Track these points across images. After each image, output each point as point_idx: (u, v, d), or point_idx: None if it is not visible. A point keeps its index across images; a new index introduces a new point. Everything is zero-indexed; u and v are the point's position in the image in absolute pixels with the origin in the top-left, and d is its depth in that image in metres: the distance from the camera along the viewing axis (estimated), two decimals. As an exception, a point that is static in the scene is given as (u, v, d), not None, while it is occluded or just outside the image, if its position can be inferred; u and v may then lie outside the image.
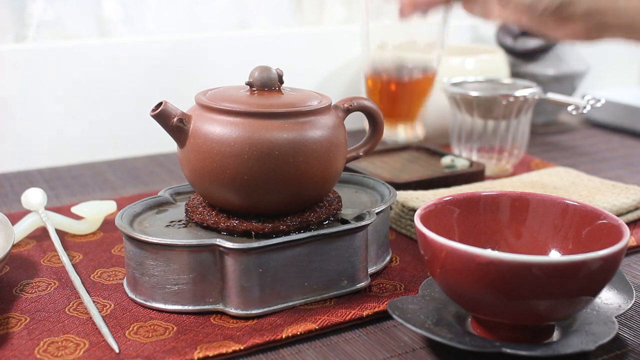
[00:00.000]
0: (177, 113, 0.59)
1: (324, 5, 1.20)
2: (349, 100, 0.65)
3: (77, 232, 0.73)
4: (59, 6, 1.01)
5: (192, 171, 0.60)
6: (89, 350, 0.53)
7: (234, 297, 0.57)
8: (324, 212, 0.62)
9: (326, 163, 0.59)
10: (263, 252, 0.56)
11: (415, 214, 0.55)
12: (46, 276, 0.65)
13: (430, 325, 0.52)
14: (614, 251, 0.49)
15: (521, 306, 0.49)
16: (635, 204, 0.76)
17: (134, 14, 1.06)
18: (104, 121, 1.03)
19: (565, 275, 0.47)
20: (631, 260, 0.69)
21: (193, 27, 1.10)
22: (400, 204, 0.74)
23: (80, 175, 0.96)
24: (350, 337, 0.56)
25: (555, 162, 1.00)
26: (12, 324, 0.57)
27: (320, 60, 1.17)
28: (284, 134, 0.57)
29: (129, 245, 0.59)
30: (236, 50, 1.09)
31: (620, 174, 0.96)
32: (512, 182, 0.83)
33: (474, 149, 0.94)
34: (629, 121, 1.17)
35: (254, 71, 0.62)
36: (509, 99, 0.89)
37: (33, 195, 0.73)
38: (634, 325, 0.57)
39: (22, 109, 0.98)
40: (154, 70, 1.04)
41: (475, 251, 0.48)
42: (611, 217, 0.55)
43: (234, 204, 0.59)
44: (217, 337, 0.54)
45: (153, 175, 0.96)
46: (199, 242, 0.57)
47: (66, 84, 1.00)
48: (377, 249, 0.65)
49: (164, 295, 0.58)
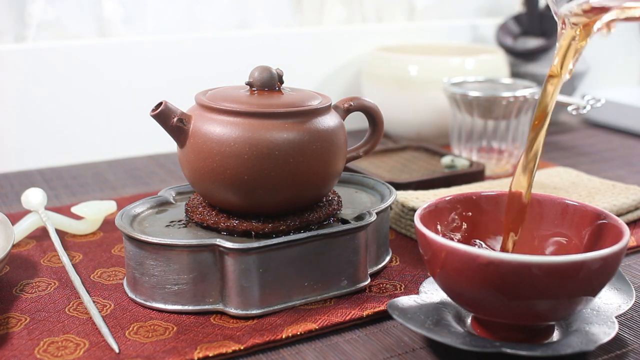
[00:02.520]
0: (177, 113, 0.59)
1: (324, 5, 1.20)
2: (349, 100, 0.65)
3: (77, 232, 0.73)
4: (59, 6, 1.01)
5: (192, 171, 0.60)
6: (89, 350, 0.53)
7: (234, 297, 0.57)
8: (324, 212, 0.62)
9: (326, 163, 0.59)
10: (263, 252, 0.56)
11: (415, 214, 0.55)
12: (46, 276, 0.65)
13: (430, 325, 0.52)
14: (614, 251, 0.49)
15: (521, 306, 0.49)
16: (635, 204, 0.76)
17: (134, 14, 1.06)
18: (104, 121, 1.03)
19: (565, 275, 0.47)
20: (631, 260, 0.69)
21: (193, 27, 1.10)
22: (400, 204, 0.74)
23: (80, 175, 0.96)
24: (350, 337, 0.56)
25: (555, 162, 1.00)
26: (12, 324, 0.57)
27: (320, 60, 1.17)
28: (284, 134, 0.57)
29: (129, 245, 0.59)
30: (236, 50, 1.10)
31: (620, 174, 0.96)
32: (512, 182, 0.83)
33: (474, 149, 0.94)
34: (629, 121, 1.17)
35: (254, 71, 0.62)
36: (509, 99, 0.89)
37: (33, 195, 0.73)
38: (634, 325, 0.57)
39: (22, 109, 0.98)
40: (154, 70, 1.05)
41: (475, 251, 0.48)
42: (611, 217, 0.55)
43: (234, 204, 0.59)
44: (217, 337, 0.54)
45: (153, 175, 0.96)
46: (199, 242, 0.57)
47: (66, 84, 1.00)
48: (377, 249, 0.65)
49: (164, 295, 0.58)
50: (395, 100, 1.07)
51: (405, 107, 1.06)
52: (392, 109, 1.06)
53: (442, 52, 1.17)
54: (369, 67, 1.12)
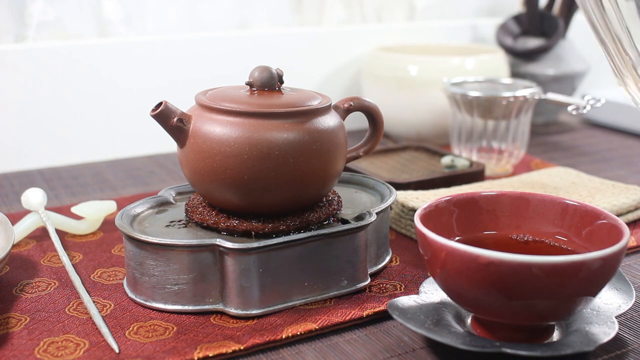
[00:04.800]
0: (177, 113, 0.59)
1: (324, 5, 1.20)
2: (349, 100, 0.65)
3: (77, 232, 0.73)
4: (59, 6, 1.01)
5: (192, 171, 0.60)
6: (89, 350, 0.53)
7: (234, 297, 0.57)
8: (324, 212, 0.62)
9: (326, 163, 0.59)
10: (263, 252, 0.56)
11: (415, 214, 0.55)
12: (46, 276, 0.65)
13: (430, 325, 0.52)
14: (614, 251, 0.49)
15: (521, 306, 0.49)
16: (635, 204, 0.76)
17: (134, 14, 1.06)
18: (104, 121, 1.03)
19: (565, 275, 0.47)
20: (631, 260, 0.69)
21: (193, 27, 1.10)
22: (400, 204, 0.74)
23: (80, 175, 0.96)
24: (350, 337, 0.56)
25: (555, 162, 1.00)
26: (12, 324, 0.57)
27: (320, 60, 1.17)
28: (284, 134, 0.57)
29: (129, 245, 0.59)
30: (236, 50, 1.10)
31: (620, 174, 0.96)
32: (512, 182, 0.83)
33: (474, 149, 0.94)
34: (629, 121, 1.17)
35: (254, 71, 0.62)
36: (509, 99, 0.89)
37: (33, 195, 0.73)
38: (634, 325, 0.57)
39: (22, 109, 0.98)
40: (154, 70, 1.05)
41: (475, 251, 0.48)
42: (611, 217, 0.55)
43: (234, 204, 0.59)
44: (217, 337, 0.54)
45: (153, 175, 0.96)
46: (199, 242, 0.57)
47: (66, 84, 1.00)
48: (377, 249, 0.65)
49: (164, 295, 0.58)
50: (395, 100, 1.07)
51: (405, 107, 1.06)
52: (392, 109, 1.06)
53: (442, 52, 1.17)
54: (369, 67, 1.12)
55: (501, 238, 0.59)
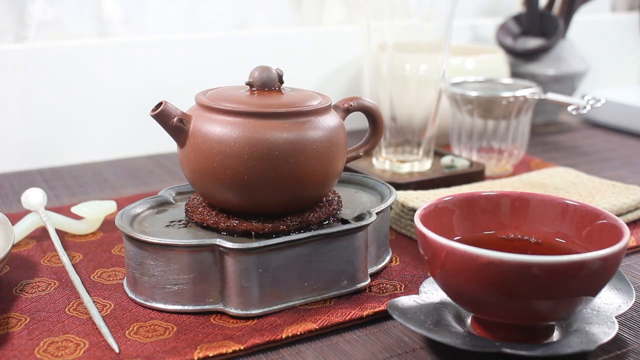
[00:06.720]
0: (177, 113, 0.59)
1: (324, 5, 1.20)
2: (349, 100, 0.65)
3: (77, 232, 0.73)
4: (59, 6, 1.01)
5: (192, 171, 0.60)
6: (89, 350, 0.53)
7: (233, 297, 0.57)
8: (324, 212, 0.62)
9: (326, 163, 0.59)
10: (263, 252, 0.56)
11: (415, 214, 0.55)
12: (46, 276, 0.65)
13: (430, 325, 0.52)
14: (614, 251, 0.49)
15: (521, 306, 0.49)
16: (635, 204, 0.76)
17: (134, 14, 1.06)
18: (104, 121, 1.03)
19: (565, 275, 0.47)
20: (631, 260, 0.69)
21: (193, 27, 1.10)
22: (400, 204, 0.74)
23: (80, 175, 0.96)
24: (350, 337, 0.56)
25: (555, 162, 1.00)
26: (12, 324, 0.57)
27: (320, 60, 1.17)
28: (284, 134, 0.57)
29: (129, 245, 0.59)
30: (236, 50, 1.10)
31: (620, 174, 0.96)
32: (512, 182, 0.83)
33: (474, 149, 0.94)
34: (629, 121, 1.17)
35: (254, 71, 0.62)
36: (509, 99, 0.89)
37: (33, 195, 0.73)
38: (634, 325, 0.57)
39: (22, 109, 0.98)
40: (154, 70, 1.04)
41: (475, 251, 0.48)
42: (611, 217, 0.55)
43: (234, 204, 0.59)
44: (217, 337, 0.54)
45: (153, 175, 0.96)
46: (199, 242, 0.57)
47: (66, 83, 1.00)
48: (377, 249, 0.65)
49: (164, 295, 0.58)
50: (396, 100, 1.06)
51: (405, 106, 1.06)
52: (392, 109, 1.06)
53: (442, 52, 1.17)
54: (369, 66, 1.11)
55: (501, 238, 0.59)
